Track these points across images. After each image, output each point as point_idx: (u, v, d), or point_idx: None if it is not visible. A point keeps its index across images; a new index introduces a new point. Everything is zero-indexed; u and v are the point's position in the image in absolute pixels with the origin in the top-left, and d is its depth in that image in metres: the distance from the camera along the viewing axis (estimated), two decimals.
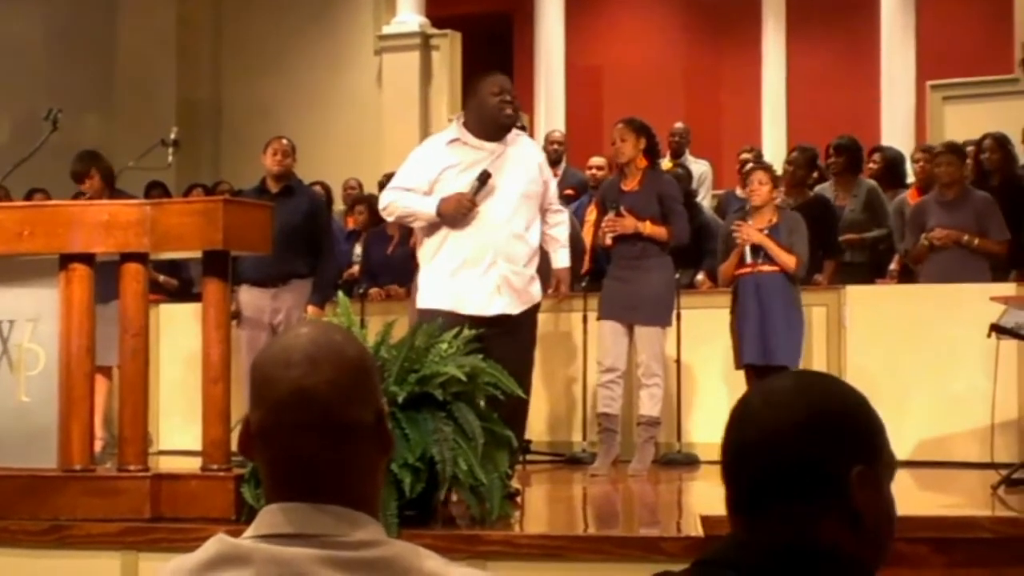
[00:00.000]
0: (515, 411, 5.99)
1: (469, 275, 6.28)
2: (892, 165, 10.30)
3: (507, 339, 6.19)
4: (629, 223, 7.81)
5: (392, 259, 9.40)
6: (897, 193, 9.81)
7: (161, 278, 9.66)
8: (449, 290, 6.30)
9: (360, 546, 1.81)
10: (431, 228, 6.40)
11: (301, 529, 1.82)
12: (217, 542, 1.84)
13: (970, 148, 9.45)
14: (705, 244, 8.99)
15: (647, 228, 7.81)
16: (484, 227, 6.28)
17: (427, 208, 6.32)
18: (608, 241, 7.89)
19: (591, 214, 9.05)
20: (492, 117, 6.40)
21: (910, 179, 10.30)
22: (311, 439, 1.84)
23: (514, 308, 6.34)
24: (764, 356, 7.74)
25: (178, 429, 9.11)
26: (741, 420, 1.86)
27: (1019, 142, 9.60)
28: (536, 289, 6.47)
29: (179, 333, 9.13)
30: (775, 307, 7.77)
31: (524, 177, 6.41)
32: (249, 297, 8.28)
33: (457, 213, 6.26)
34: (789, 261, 7.79)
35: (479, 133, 6.43)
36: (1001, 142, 9.32)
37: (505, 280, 6.30)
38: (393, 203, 6.44)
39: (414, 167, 6.48)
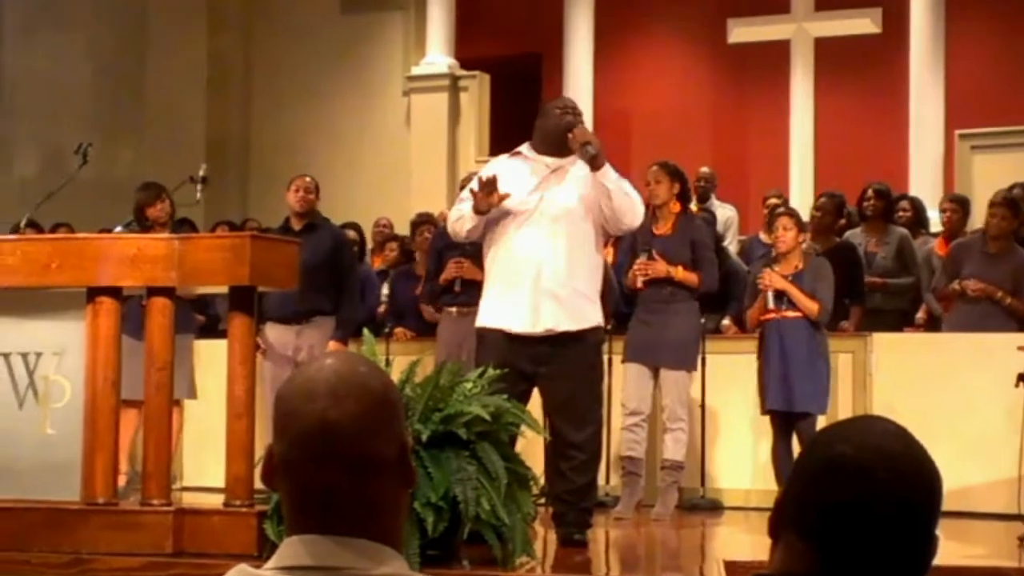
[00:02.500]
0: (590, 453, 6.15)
1: (516, 292, 6.18)
2: (920, 212, 10.30)
3: (563, 362, 6.13)
4: (661, 267, 7.79)
5: (418, 299, 9.34)
6: (924, 240, 9.80)
7: None
8: (498, 308, 6.24)
9: None
10: (488, 247, 6.35)
11: (323, 562, 1.80)
12: (238, 573, 1.83)
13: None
14: (732, 289, 8.95)
15: (679, 274, 7.79)
16: (529, 243, 6.18)
17: (467, 206, 6.30)
18: (639, 284, 7.86)
19: (607, 255, 8.96)
20: (554, 125, 6.31)
21: (933, 226, 10.29)
22: (334, 472, 1.82)
23: (563, 324, 6.14)
24: (787, 403, 7.71)
25: (203, 465, 9.11)
26: (849, 479, 1.83)
27: None
28: (592, 311, 6.25)
29: (205, 369, 9.13)
30: (798, 353, 7.74)
31: (576, 194, 6.24)
32: (274, 334, 8.30)
33: (479, 202, 6.18)
34: (812, 307, 7.76)
35: (541, 149, 6.36)
36: None
37: (551, 294, 6.13)
38: (452, 212, 6.49)
39: (475, 181, 6.46)
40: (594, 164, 6.17)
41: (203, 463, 9.18)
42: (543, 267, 6.15)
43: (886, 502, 1.80)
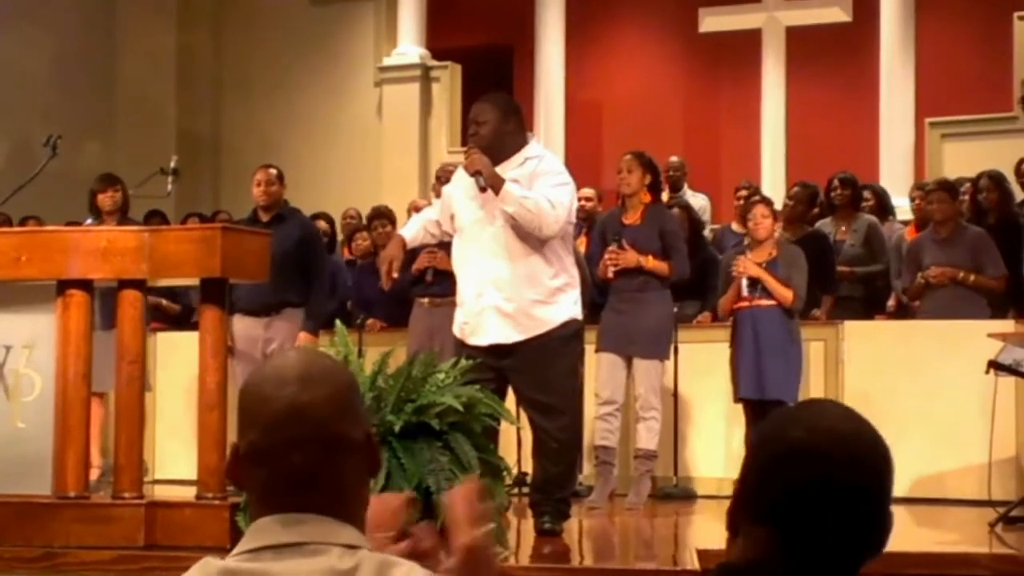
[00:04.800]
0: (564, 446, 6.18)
1: (467, 307, 6.22)
2: (883, 200, 10.37)
3: (524, 370, 6.12)
4: (631, 257, 7.79)
5: (385, 292, 9.18)
6: (892, 227, 9.85)
7: (163, 302, 9.66)
8: (459, 320, 6.28)
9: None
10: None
11: (282, 539, 1.84)
12: (202, 566, 1.84)
13: (967, 186, 9.46)
14: (710, 279, 8.95)
15: (649, 263, 7.80)
16: (473, 261, 6.20)
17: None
18: (610, 274, 7.86)
19: (580, 245, 8.92)
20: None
21: (902, 213, 10.35)
22: (306, 454, 1.86)
23: (512, 336, 6.11)
24: (759, 391, 7.74)
25: (175, 458, 9.08)
26: (803, 462, 1.84)
27: (1014, 179, 9.61)
28: (555, 312, 6.17)
29: (178, 361, 9.11)
30: (771, 342, 7.77)
31: None
32: (242, 326, 8.20)
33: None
34: (786, 295, 7.79)
35: None
36: (997, 180, 9.32)
37: (496, 310, 6.11)
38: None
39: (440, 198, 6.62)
40: (495, 191, 6.10)
41: (174, 455, 9.15)
42: (485, 286, 6.14)
43: (841, 483, 1.82)
